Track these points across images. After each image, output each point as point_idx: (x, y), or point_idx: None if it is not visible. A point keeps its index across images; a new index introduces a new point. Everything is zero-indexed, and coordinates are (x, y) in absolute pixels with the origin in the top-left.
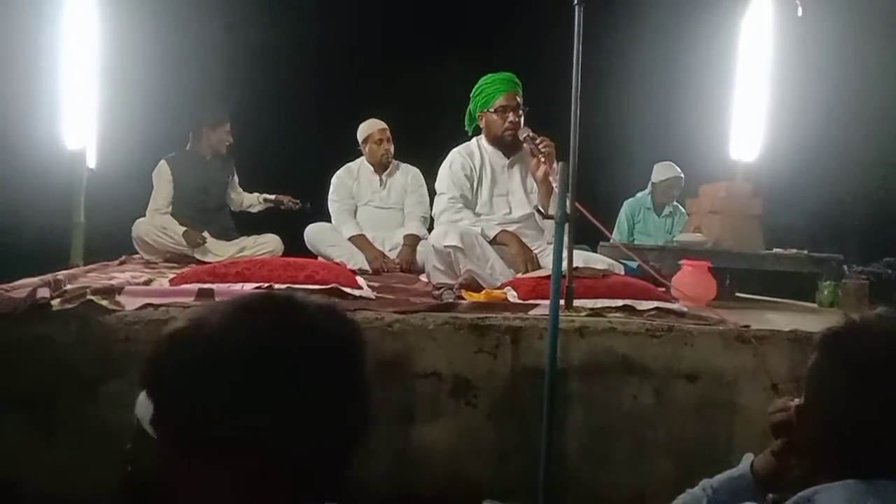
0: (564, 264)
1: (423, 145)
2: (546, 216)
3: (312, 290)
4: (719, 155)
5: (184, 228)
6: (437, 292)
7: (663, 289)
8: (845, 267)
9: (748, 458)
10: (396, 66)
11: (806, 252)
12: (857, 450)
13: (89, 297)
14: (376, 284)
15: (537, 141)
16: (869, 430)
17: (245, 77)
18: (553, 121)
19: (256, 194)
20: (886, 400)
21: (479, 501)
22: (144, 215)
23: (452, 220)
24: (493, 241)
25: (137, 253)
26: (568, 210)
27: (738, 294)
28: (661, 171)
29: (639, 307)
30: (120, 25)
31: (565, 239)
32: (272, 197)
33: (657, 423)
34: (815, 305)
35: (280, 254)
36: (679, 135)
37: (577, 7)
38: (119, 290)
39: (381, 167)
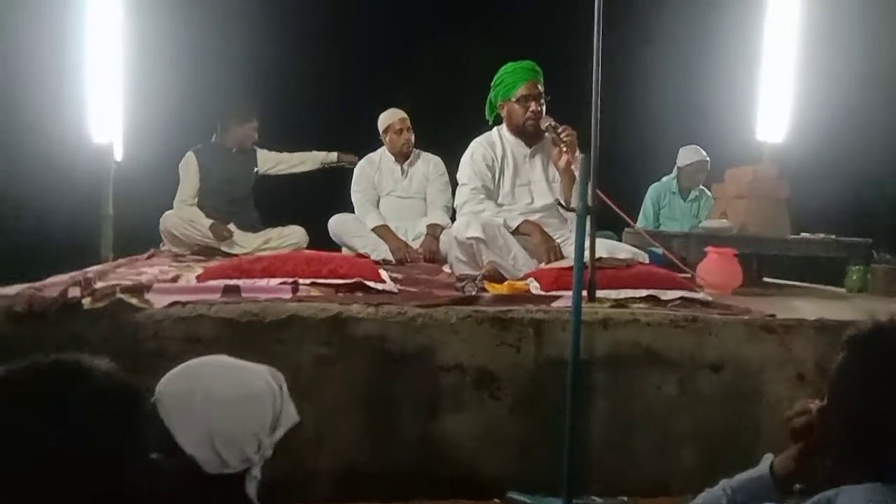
0: (587, 255)
1: (444, 133)
2: (568, 208)
3: (337, 285)
4: (746, 137)
5: (211, 221)
6: (459, 284)
7: (687, 276)
8: (874, 252)
9: (768, 459)
10: (416, 54)
11: (834, 237)
12: (880, 453)
13: (119, 295)
14: (400, 276)
15: (559, 130)
16: (893, 434)
17: (268, 68)
18: (578, 108)
19: (317, 153)
20: None
21: (504, 492)
22: (171, 207)
23: (474, 211)
24: (515, 232)
25: (165, 245)
26: (589, 202)
27: (765, 279)
28: (687, 156)
29: (663, 297)
30: (145, 19)
31: (587, 231)
32: (334, 158)
33: (681, 414)
34: (843, 290)
35: (305, 245)
36: (705, 117)
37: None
38: (148, 287)
39: (402, 157)
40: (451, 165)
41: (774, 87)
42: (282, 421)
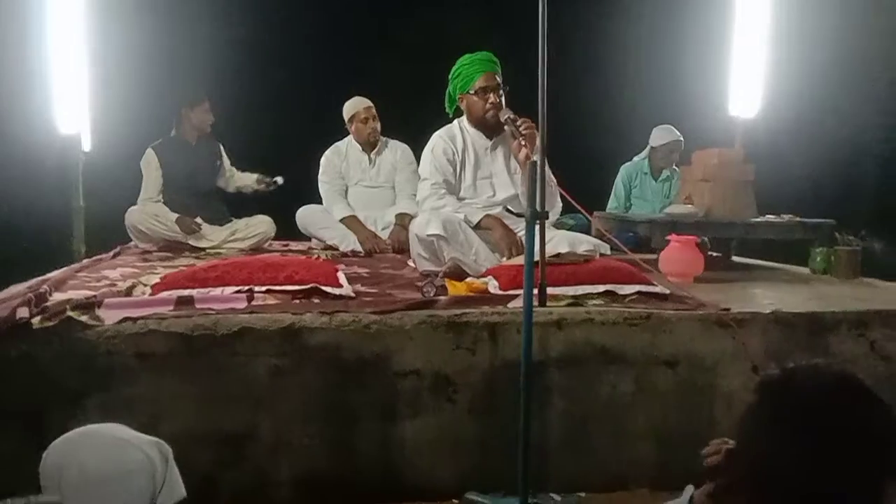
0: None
1: (412, 120)
2: (517, 214)
3: (293, 291)
4: (718, 113)
5: (176, 215)
6: (419, 283)
7: (644, 267)
8: (837, 233)
9: (688, 492)
10: (383, 40)
11: (797, 219)
12: (783, 499)
13: (69, 313)
14: (365, 272)
15: (518, 122)
16: (791, 480)
17: (232, 55)
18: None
19: (250, 174)
20: (809, 456)
21: (462, 494)
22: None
23: (435, 206)
24: (477, 227)
25: (132, 241)
26: (538, 207)
27: (733, 258)
28: (661, 136)
29: (620, 292)
30: (110, 8)
31: (537, 235)
32: (266, 179)
33: (637, 410)
34: (808, 271)
35: (272, 235)
36: (677, 94)
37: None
38: (98, 303)
39: (369, 146)
40: (420, 153)
41: (746, 62)
42: (163, 497)
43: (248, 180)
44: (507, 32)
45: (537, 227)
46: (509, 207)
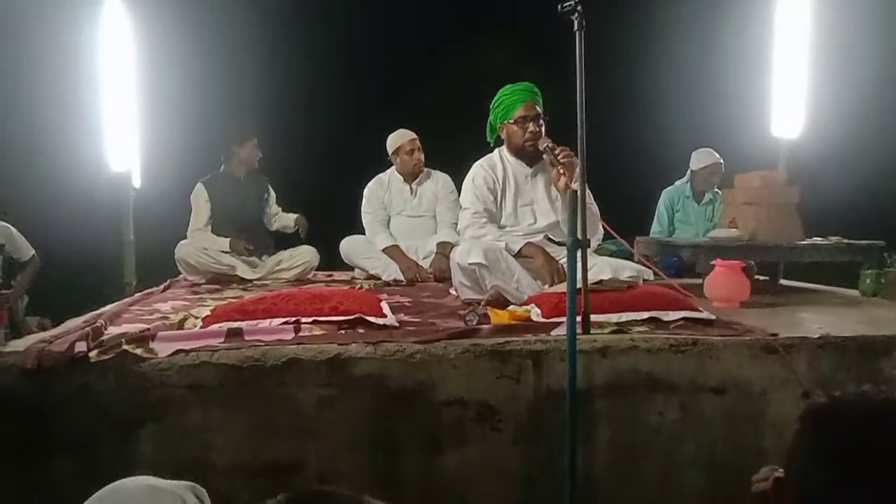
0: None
1: (453, 149)
2: (559, 243)
3: (338, 322)
4: (761, 134)
5: (228, 239)
6: (462, 312)
7: (688, 293)
8: (886, 255)
9: None
10: (424, 71)
11: (845, 241)
12: None
13: (124, 346)
14: (407, 301)
15: (556, 151)
16: None
17: (279, 94)
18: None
19: (292, 215)
20: (858, 486)
21: None
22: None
23: (476, 235)
24: (518, 255)
25: (182, 273)
26: (579, 235)
27: (781, 281)
28: (701, 159)
29: (665, 318)
30: (160, 47)
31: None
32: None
33: (685, 439)
34: (857, 294)
35: (315, 264)
36: (719, 116)
37: (577, 33)
38: (152, 336)
39: (411, 177)
40: (461, 182)
41: (788, 82)
42: None
43: (287, 221)
44: (545, 63)
45: (579, 255)
46: (550, 236)
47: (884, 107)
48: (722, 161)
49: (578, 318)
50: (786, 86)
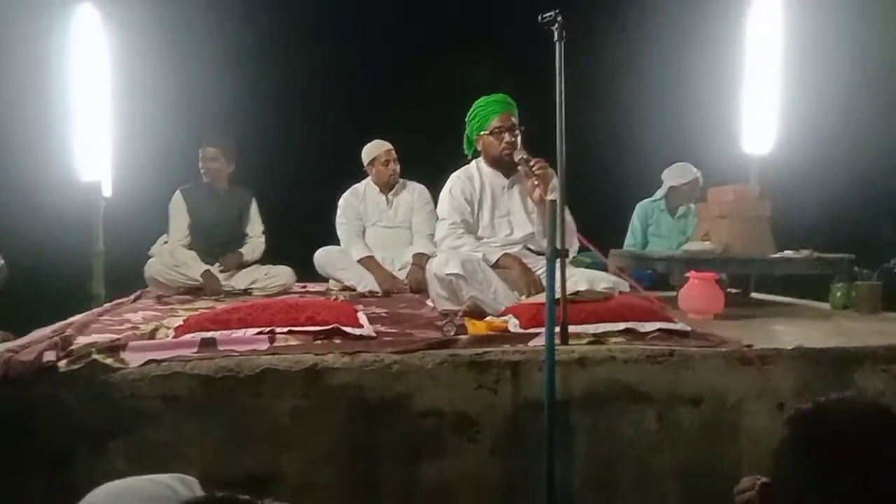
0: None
1: (429, 160)
2: (537, 253)
3: (314, 332)
4: (732, 149)
5: (205, 268)
6: (439, 323)
7: (663, 304)
8: (856, 268)
9: None
10: (401, 83)
11: (816, 254)
12: None
13: (94, 356)
14: (383, 311)
15: (531, 163)
16: None
17: (253, 104)
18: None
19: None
20: (846, 489)
21: None
22: (160, 242)
23: (454, 246)
24: (495, 266)
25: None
26: (558, 245)
27: (752, 295)
28: (679, 174)
29: (641, 329)
30: (132, 56)
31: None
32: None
33: (662, 449)
34: (828, 307)
35: (292, 286)
36: (690, 131)
37: (556, 45)
38: (123, 346)
39: (387, 187)
40: (436, 193)
41: (759, 98)
42: None
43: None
44: (521, 76)
45: (558, 265)
46: (529, 246)
47: (854, 123)
48: (699, 175)
49: (557, 329)
50: (756, 102)
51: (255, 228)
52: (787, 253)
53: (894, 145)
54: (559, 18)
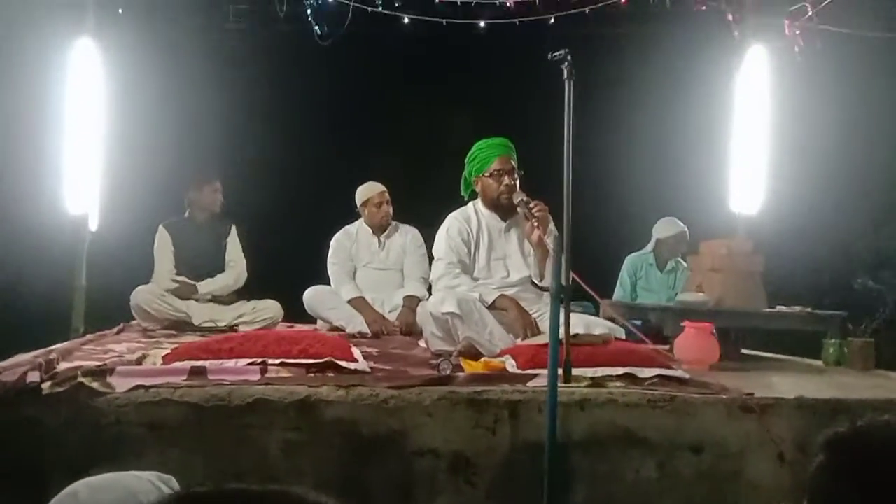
0: (563, 333)
1: (422, 204)
2: (541, 288)
3: (307, 365)
4: (719, 209)
5: (175, 284)
6: (434, 361)
7: (662, 349)
8: (849, 325)
9: None
10: (394, 124)
11: (809, 310)
12: None
13: (80, 379)
14: (374, 351)
15: (531, 205)
16: None
17: (245, 142)
18: (553, 183)
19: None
20: None
21: None
22: (146, 278)
23: (450, 285)
24: (491, 307)
25: (136, 320)
26: (563, 281)
27: (742, 350)
28: (666, 228)
29: (640, 375)
30: (122, 92)
31: (562, 311)
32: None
33: (662, 497)
34: (820, 363)
35: (279, 320)
36: (678, 190)
37: (566, 82)
38: (110, 371)
39: (379, 229)
40: (429, 237)
41: (747, 160)
42: None
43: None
44: (515, 118)
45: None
46: (534, 280)
47: (842, 184)
48: (687, 230)
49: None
50: (745, 163)
51: (234, 255)
52: (780, 308)
53: (886, 205)
54: (569, 57)
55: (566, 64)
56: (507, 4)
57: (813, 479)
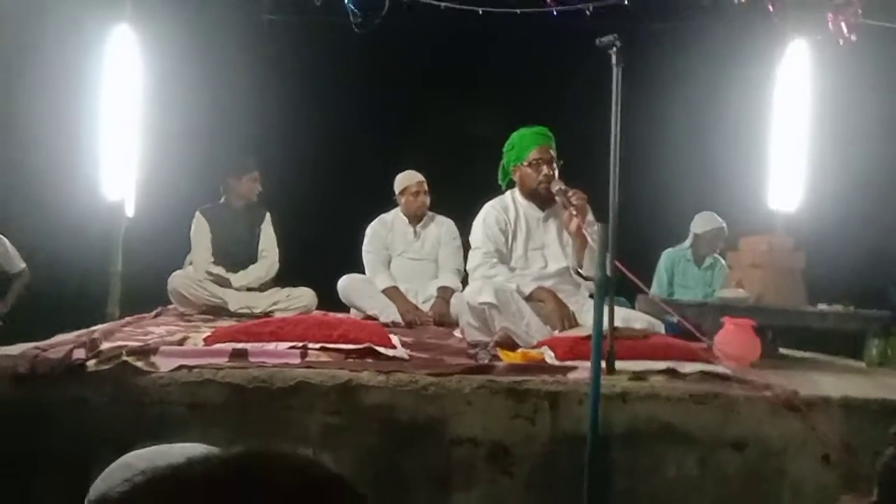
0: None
1: (457, 194)
2: (584, 277)
3: (347, 350)
4: (758, 205)
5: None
6: (472, 351)
7: (704, 346)
8: (893, 324)
9: None
10: (430, 114)
11: (852, 308)
12: None
13: (125, 357)
14: (409, 339)
15: (569, 194)
16: None
17: (281, 128)
18: (587, 173)
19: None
20: None
21: None
22: (181, 264)
23: (487, 275)
24: (528, 298)
25: (173, 304)
26: (608, 272)
27: (781, 350)
28: (704, 223)
29: (681, 370)
30: (163, 79)
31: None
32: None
33: (703, 494)
34: (862, 364)
35: (314, 308)
36: (716, 185)
37: (615, 68)
38: (154, 350)
39: (415, 219)
40: (463, 229)
41: (786, 156)
42: None
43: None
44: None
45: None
46: (578, 269)
47: (882, 182)
48: (725, 226)
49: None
50: (784, 160)
51: (267, 245)
52: (821, 306)
53: None
54: (617, 42)
55: (614, 49)
56: None
57: (885, 469)
